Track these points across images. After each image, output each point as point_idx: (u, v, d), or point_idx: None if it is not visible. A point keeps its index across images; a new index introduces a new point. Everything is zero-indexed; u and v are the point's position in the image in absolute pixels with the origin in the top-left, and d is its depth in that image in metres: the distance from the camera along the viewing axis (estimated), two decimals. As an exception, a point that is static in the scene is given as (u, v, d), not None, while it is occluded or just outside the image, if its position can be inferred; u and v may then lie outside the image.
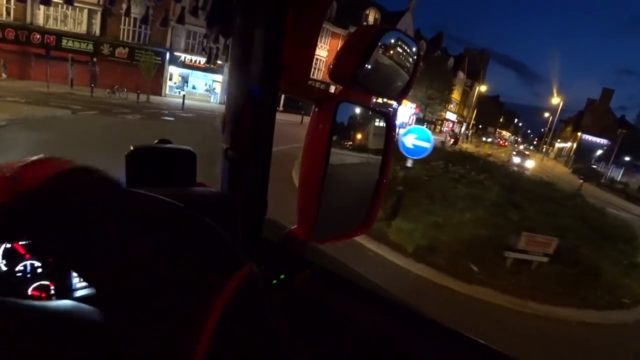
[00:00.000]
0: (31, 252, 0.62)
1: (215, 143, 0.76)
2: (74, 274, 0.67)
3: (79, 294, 0.69)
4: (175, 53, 25.67)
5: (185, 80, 27.41)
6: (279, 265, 0.83)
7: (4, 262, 0.61)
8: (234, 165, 0.73)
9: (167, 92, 26.34)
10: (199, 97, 27.19)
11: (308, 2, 0.75)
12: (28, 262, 0.63)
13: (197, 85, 28.16)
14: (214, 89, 28.53)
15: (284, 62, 0.72)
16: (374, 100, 0.89)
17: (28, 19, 21.71)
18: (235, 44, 0.70)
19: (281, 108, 21.89)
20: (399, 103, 0.94)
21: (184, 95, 21.05)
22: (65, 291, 0.67)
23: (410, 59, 0.92)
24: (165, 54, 25.36)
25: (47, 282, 0.65)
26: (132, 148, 0.65)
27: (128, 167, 0.68)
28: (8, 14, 21.44)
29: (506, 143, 77.18)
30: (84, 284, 0.68)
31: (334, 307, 0.79)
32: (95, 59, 23.51)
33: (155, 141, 0.73)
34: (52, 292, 0.65)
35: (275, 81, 0.71)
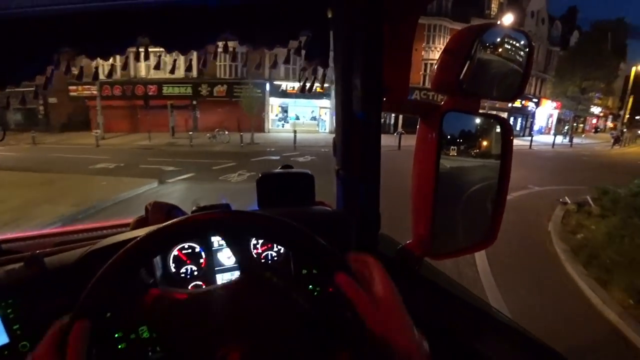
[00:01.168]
0: (190, 258, 0.81)
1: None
2: (218, 277, 0.83)
3: None
4: (275, 82, 22.23)
5: (285, 110, 24.55)
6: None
7: (173, 265, 0.81)
8: (346, 184, 0.79)
9: (270, 127, 23.53)
10: (305, 128, 23.12)
11: (400, 20, 0.78)
12: (189, 266, 0.82)
13: (299, 114, 24.93)
14: (320, 116, 24.95)
15: (383, 84, 0.76)
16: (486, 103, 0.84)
17: (132, 73, 21.31)
18: (338, 74, 0.78)
19: (401, 129, 20.09)
20: (513, 103, 0.86)
21: (294, 131, 17.01)
22: None
23: (521, 53, 0.84)
24: (265, 84, 22.14)
25: (200, 282, 0.82)
26: (260, 175, 0.78)
27: (259, 190, 0.83)
28: (115, 72, 24.10)
29: None
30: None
31: (447, 325, 0.76)
32: (194, 102, 22.18)
33: (280, 167, 0.87)
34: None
35: (378, 103, 0.75)
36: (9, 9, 0.74)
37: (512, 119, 20.50)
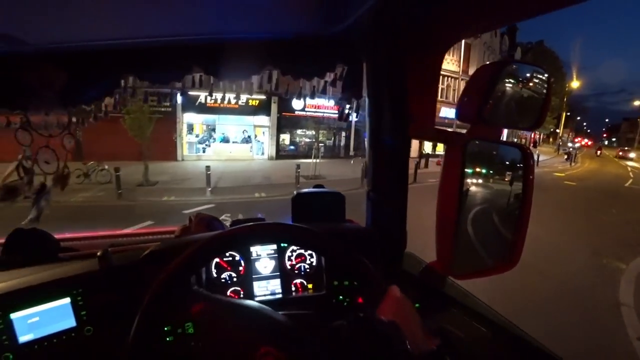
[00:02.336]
0: (231, 266, 0.88)
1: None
2: (255, 285, 0.89)
3: (257, 299, 0.92)
4: (191, 93, 4.09)
5: (212, 129, 16.44)
6: (415, 295, 0.87)
7: (215, 271, 0.88)
8: (375, 205, 0.85)
9: (185, 153, 15.75)
10: (234, 154, 16.40)
11: (425, 55, 0.85)
12: (229, 273, 0.88)
13: (228, 134, 16.72)
14: (256, 136, 17.19)
15: (410, 113, 0.83)
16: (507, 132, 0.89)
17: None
18: (369, 103, 0.85)
19: (353, 152, 18.39)
20: (533, 131, 0.92)
21: (208, 166, 9.27)
22: (250, 296, 0.90)
23: (539, 85, 0.90)
24: (175, 95, 11.81)
25: (239, 288, 0.88)
26: (295, 193, 0.85)
27: (293, 207, 0.91)
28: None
29: (588, 143, 62.36)
30: (262, 291, 0.90)
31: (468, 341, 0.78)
32: (75, 119, 5.05)
33: (313, 186, 0.95)
34: (242, 295, 0.89)
35: (405, 130, 0.82)
36: (82, 42, 0.86)
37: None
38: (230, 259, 0.86)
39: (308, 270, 0.87)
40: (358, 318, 0.61)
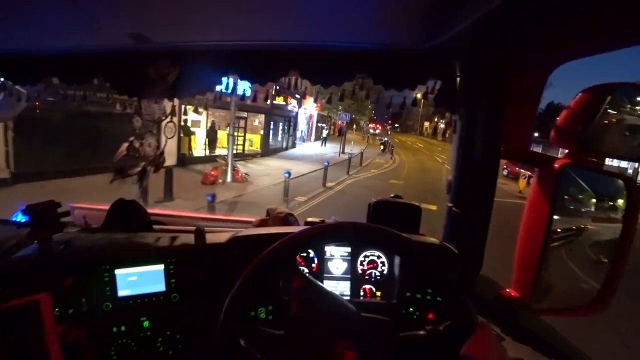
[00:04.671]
0: (305, 262, 0.91)
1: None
2: (325, 283, 0.91)
3: None
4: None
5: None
6: (487, 319, 0.83)
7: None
8: (455, 221, 0.83)
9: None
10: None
11: (528, 75, 0.82)
12: (301, 268, 0.91)
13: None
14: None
15: (504, 133, 0.80)
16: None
17: None
18: (461, 118, 0.84)
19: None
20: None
21: None
22: None
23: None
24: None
25: None
26: (374, 200, 0.87)
27: (369, 213, 0.92)
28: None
29: (379, 127, 65.09)
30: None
31: None
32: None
33: (391, 195, 0.96)
34: None
35: (497, 150, 0.79)
36: (193, 42, 0.97)
37: (271, 124, 15.73)
38: (305, 254, 0.90)
39: (379, 277, 0.88)
40: (436, 333, 0.60)
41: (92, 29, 0.87)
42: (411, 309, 0.81)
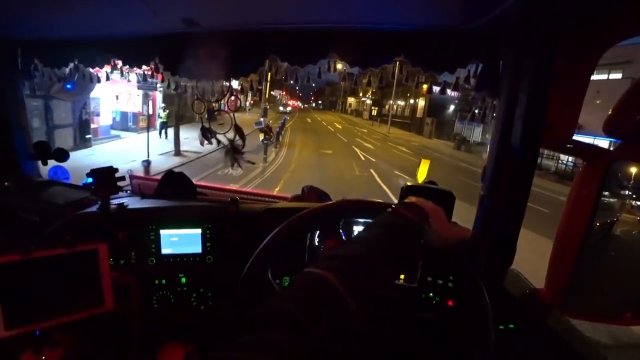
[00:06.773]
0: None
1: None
2: None
3: None
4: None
5: None
6: (512, 317, 0.80)
7: (317, 240, 0.91)
8: (488, 212, 0.81)
9: None
10: None
11: (577, 59, 0.76)
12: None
13: None
14: None
15: (547, 121, 0.75)
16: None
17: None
18: (501, 105, 0.80)
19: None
20: None
21: None
22: None
23: None
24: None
25: None
26: (407, 184, 0.86)
27: (401, 197, 0.92)
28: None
29: (299, 104, 66.09)
30: None
31: None
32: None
33: (425, 182, 0.95)
34: None
35: (537, 139, 0.75)
36: (240, 25, 1.02)
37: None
38: (334, 232, 0.93)
39: None
40: (446, 310, 0.61)
41: (149, 16, 0.96)
42: (431, 294, 0.81)
